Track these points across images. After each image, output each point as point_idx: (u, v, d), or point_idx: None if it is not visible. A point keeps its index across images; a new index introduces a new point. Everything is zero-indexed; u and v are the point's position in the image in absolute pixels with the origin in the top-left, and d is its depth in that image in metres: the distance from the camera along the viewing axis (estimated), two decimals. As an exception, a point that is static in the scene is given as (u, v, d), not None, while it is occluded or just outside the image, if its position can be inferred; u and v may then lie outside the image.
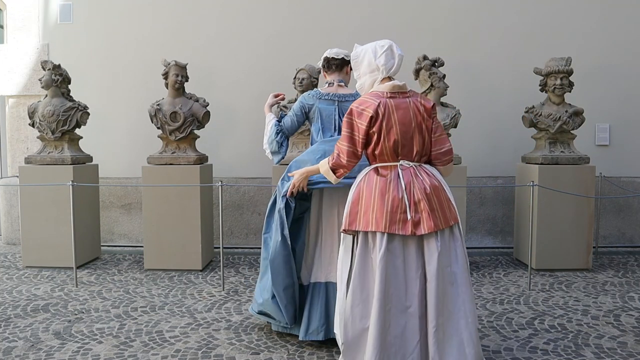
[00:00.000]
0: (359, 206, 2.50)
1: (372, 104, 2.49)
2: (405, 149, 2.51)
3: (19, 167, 5.16)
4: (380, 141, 2.49)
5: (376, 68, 2.56)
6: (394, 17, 5.69)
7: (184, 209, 4.81)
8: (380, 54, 2.56)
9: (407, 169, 2.50)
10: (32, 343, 3.17)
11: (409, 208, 2.42)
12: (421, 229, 2.41)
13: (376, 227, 2.42)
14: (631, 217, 5.71)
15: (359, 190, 2.53)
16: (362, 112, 2.49)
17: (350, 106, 2.55)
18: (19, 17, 6.01)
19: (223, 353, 3.03)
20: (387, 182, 2.48)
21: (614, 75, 5.65)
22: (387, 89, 2.52)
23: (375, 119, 2.47)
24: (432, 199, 2.45)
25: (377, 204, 2.44)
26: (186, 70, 4.96)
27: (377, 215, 2.43)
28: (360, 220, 2.47)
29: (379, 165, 2.54)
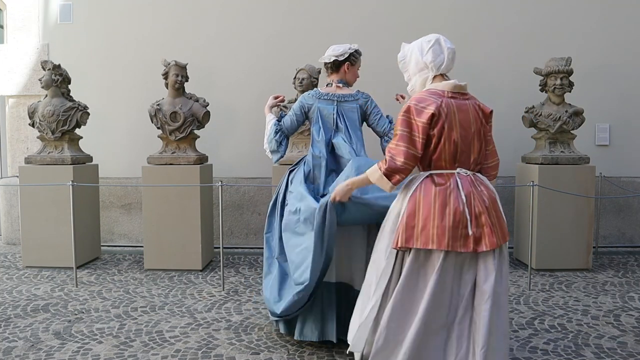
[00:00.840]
0: (415, 220, 2.24)
1: (433, 101, 2.24)
2: (463, 155, 2.29)
3: (19, 167, 5.16)
4: (440, 144, 2.25)
5: (424, 66, 2.36)
6: (394, 17, 5.69)
7: (184, 209, 4.81)
8: (427, 50, 2.35)
9: (465, 177, 2.28)
10: (32, 343, 3.17)
11: (470, 222, 2.20)
12: (482, 246, 2.21)
13: (438, 244, 2.19)
14: (631, 217, 5.71)
15: (416, 202, 2.26)
16: (423, 109, 2.24)
17: (407, 103, 2.30)
18: (19, 17, 6.01)
19: (223, 353, 3.03)
20: (447, 193, 2.23)
21: (614, 75, 5.65)
22: (448, 88, 2.30)
23: (437, 119, 2.23)
24: (491, 212, 2.26)
25: (437, 218, 2.20)
26: (186, 70, 4.96)
27: (439, 231, 2.19)
28: (419, 236, 2.22)
29: (434, 172, 2.30)
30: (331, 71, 3.23)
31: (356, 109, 3.21)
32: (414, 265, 2.26)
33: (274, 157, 3.31)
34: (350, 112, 3.20)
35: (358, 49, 3.24)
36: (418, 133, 2.24)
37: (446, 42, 2.36)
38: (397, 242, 2.26)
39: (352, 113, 3.20)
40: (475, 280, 2.25)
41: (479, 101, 2.39)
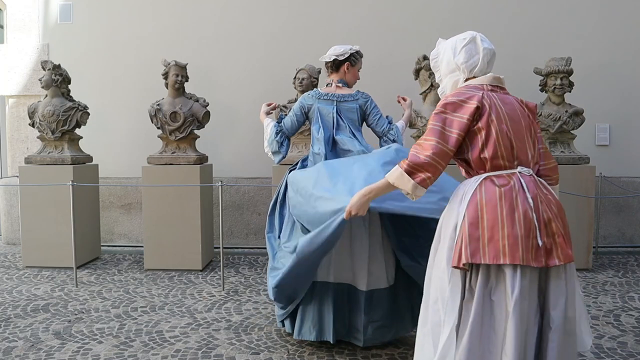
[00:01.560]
0: (480, 229, 1.86)
1: (474, 94, 1.97)
2: (520, 151, 1.96)
3: (19, 167, 5.16)
4: (492, 138, 1.92)
5: (456, 67, 2.11)
6: (394, 17, 5.69)
7: (184, 209, 4.81)
8: (460, 50, 2.09)
9: (529, 177, 1.94)
10: (32, 343, 3.17)
11: (539, 230, 1.84)
12: (554, 259, 1.84)
13: (511, 257, 1.80)
14: (631, 217, 5.71)
15: (477, 207, 1.89)
16: (463, 104, 1.95)
17: (442, 100, 2.01)
18: (19, 17, 6.01)
19: (223, 353, 3.03)
20: (513, 194, 1.87)
21: (614, 75, 5.65)
22: (486, 81, 2.05)
23: (482, 110, 1.94)
24: (562, 219, 1.92)
25: (506, 225, 1.83)
26: (186, 70, 4.96)
27: (510, 241, 1.81)
28: (486, 249, 1.83)
29: (491, 174, 1.94)
30: (331, 71, 3.24)
31: (355, 109, 3.21)
32: (484, 290, 1.85)
33: (275, 158, 3.31)
34: (350, 112, 3.20)
35: (359, 50, 3.25)
36: (452, 128, 1.94)
37: (483, 42, 2.11)
38: (460, 258, 1.86)
39: (352, 113, 3.20)
40: (544, 304, 1.89)
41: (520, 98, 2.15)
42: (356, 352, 3.03)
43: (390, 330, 3.06)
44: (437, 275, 1.99)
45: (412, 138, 5.04)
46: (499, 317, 1.84)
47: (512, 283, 1.80)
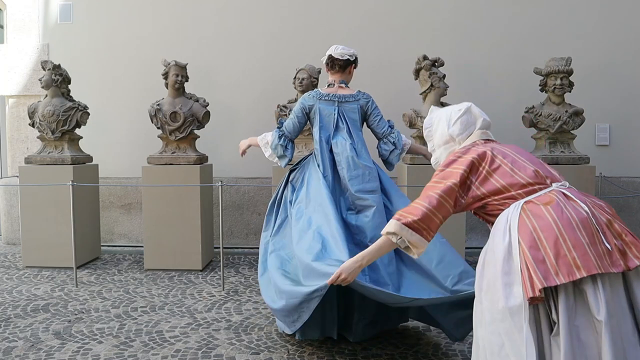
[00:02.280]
0: (542, 250, 1.70)
1: (470, 149, 2.00)
2: (545, 171, 1.92)
3: (19, 167, 5.16)
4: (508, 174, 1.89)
5: (450, 139, 2.11)
6: (394, 17, 5.69)
7: (184, 209, 4.81)
8: (455, 121, 2.10)
9: (568, 189, 1.86)
10: (32, 343, 3.17)
11: (603, 234, 1.70)
12: (633, 259, 1.68)
13: (587, 269, 1.63)
14: (631, 217, 5.70)
15: (530, 229, 1.74)
16: (457, 158, 1.98)
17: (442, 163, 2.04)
18: (19, 17, 6.01)
19: (223, 353, 3.03)
20: (562, 206, 1.76)
21: (614, 75, 5.65)
22: (477, 138, 2.09)
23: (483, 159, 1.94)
24: (619, 220, 1.80)
25: (568, 238, 1.68)
26: (186, 70, 4.96)
27: (579, 253, 1.65)
28: (556, 267, 1.66)
29: (530, 197, 1.84)
30: (336, 70, 3.23)
31: (357, 109, 3.21)
32: (568, 317, 1.65)
33: (282, 162, 3.29)
34: (351, 113, 3.20)
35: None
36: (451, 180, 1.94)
37: (481, 113, 2.14)
38: (533, 286, 1.66)
39: (353, 113, 3.20)
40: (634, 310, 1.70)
41: None
42: (356, 352, 3.03)
43: (376, 327, 3.13)
44: (493, 318, 1.79)
45: (412, 138, 5.04)
46: (588, 342, 1.64)
47: (596, 300, 1.63)
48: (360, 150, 3.15)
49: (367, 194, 3.03)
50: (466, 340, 3.17)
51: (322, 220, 2.87)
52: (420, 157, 4.82)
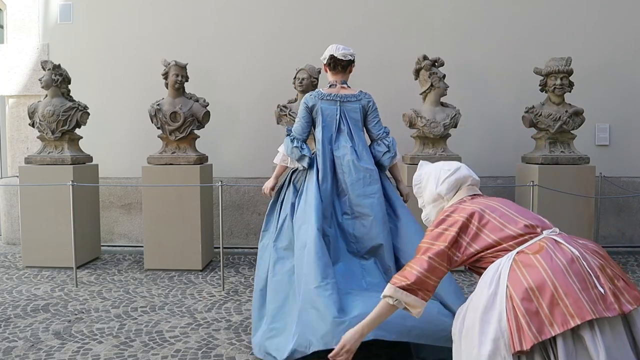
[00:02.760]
0: (534, 301, 1.68)
1: (458, 207, 2.04)
2: (534, 220, 1.95)
3: (19, 167, 5.16)
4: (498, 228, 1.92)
5: (439, 197, 2.18)
6: (394, 17, 5.69)
7: (184, 209, 4.81)
8: (443, 181, 2.15)
9: (559, 235, 1.88)
10: (32, 343, 3.17)
11: (594, 277, 1.69)
12: (626, 304, 1.66)
13: (581, 316, 1.61)
14: (631, 217, 5.71)
15: (522, 281, 1.73)
16: (447, 218, 2.02)
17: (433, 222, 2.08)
18: (19, 17, 6.01)
19: (223, 353, 3.03)
20: (552, 254, 1.75)
21: (614, 75, 5.65)
22: (464, 194, 2.14)
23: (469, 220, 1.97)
24: (611, 264, 1.78)
25: (560, 285, 1.66)
26: (186, 70, 4.96)
27: (571, 301, 1.63)
28: (552, 317, 1.64)
29: (521, 247, 1.85)
30: (338, 70, 3.22)
31: (359, 109, 3.20)
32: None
33: (303, 163, 3.16)
34: (353, 113, 3.19)
35: None
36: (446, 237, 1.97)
37: (469, 171, 2.18)
38: (520, 342, 1.66)
39: (355, 113, 3.19)
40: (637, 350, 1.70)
41: None
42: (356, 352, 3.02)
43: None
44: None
45: (412, 138, 5.04)
46: None
47: (594, 345, 1.61)
48: (362, 153, 3.13)
49: (367, 198, 3.02)
50: (466, 340, 3.17)
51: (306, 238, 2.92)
52: (420, 157, 4.83)
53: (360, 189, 3.03)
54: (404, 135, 5.18)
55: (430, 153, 4.84)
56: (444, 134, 4.82)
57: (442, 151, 4.85)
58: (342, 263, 2.99)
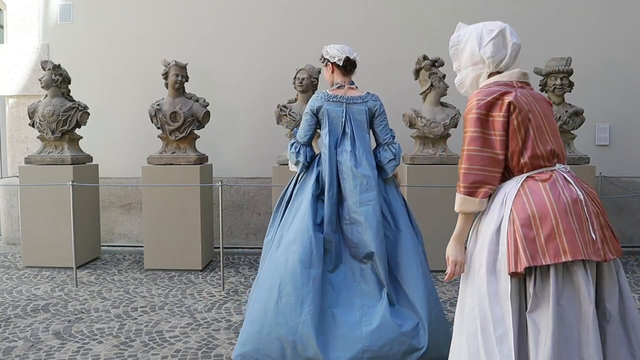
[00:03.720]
0: (534, 229, 1.75)
1: (506, 90, 1.86)
2: (558, 148, 1.91)
3: (19, 167, 5.16)
4: (531, 138, 1.84)
5: (480, 61, 1.97)
6: (394, 17, 5.69)
7: (184, 209, 4.81)
8: (487, 42, 1.94)
9: (568, 173, 1.89)
10: (32, 343, 3.17)
11: (590, 223, 1.78)
12: (609, 253, 1.79)
13: (573, 254, 1.71)
14: (631, 217, 5.71)
15: (526, 207, 1.79)
16: (497, 101, 1.84)
17: (469, 102, 1.91)
18: (19, 17, 6.01)
19: (223, 353, 3.03)
20: (559, 189, 1.80)
21: (614, 75, 5.65)
22: (515, 78, 1.92)
23: (519, 109, 1.83)
24: (603, 214, 1.87)
25: (561, 221, 1.74)
26: (186, 70, 4.96)
27: (569, 237, 1.72)
28: (545, 248, 1.73)
29: (532, 173, 1.86)
30: (347, 72, 3.18)
31: (364, 111, 3.12)
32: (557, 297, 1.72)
33: (298, 168, 3.16)
34: (358, 115, 3.11)
35: None
36: (494, 130, 1.84)
37: (512, 36, 1.95)
38: (517, 263, 1.74)
39: (360, 115, 3.11)
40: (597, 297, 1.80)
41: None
42: (356, 352, 3.03)
43: None
44: (474, 283, 1.88)
45: (412, 138, 5.04)
46: (570, 322, 1.72)
47: (586, 282, 1.72)
48: (361, 158, 3.05)
49: (363, 205, 2.97)
50: (466, 340, 3.17)
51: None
52: (420, 157, 4.83)
53: (357, 195, 2.99)
54: (404, 135, 5.17)
55: (430, 153, 4.84)
56: (444, 134, 4.82)
57: (442, 151, 4.85)
58: (343, 265, 2.98)
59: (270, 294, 2.83)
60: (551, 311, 1.71)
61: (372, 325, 2.79)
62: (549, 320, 1.71)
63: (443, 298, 3.99)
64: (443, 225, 4.68)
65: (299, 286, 2.81)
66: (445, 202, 4.71)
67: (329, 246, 2.97)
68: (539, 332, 1.73)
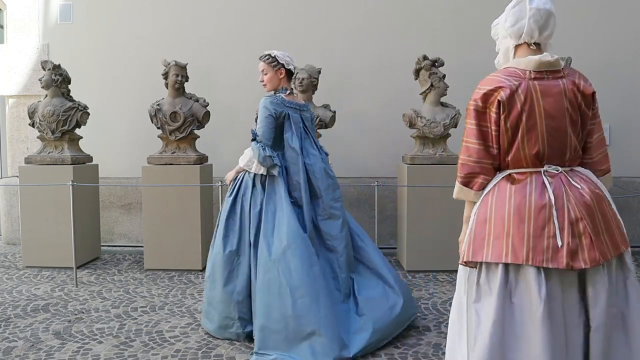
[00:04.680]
0: (487, 228, 1.80)
1: (504, 84, 1.79)
2: (553, 150, 1.81)
3: (19, 167, 5.16)
4: (517, 142, 1.81)
5: (506, 33, 1.92)
6: (394, 17, 5.69)
7: (184, 209, 4.81)
8: (508, 13, 1.90)
9: (556, 175, 1.81)
10: (32, 343, 3.17)
11: (559, 230, 1.72)
12: (580, 262, 1.71)
13: (514, 257, 1.72)
14: (631, 217, 5.70)
15: (487, 206, 1.83)
16: (491, 94, 1.80)
17: (476, 89, 1.87)
18: (19, 17, 6.01)
19: (223, 353, 3.03)
20: (527, 191, 1.78)
21: (614, 75, 5.64)
22: (531, 67, 1.81)
23: (509, 107, 1.78)
24: (595, 216, 1.79)
25: (513, 224, 1.75)
26: (186, 70, 4.96)
27: (515, 240, 1.74)
28: (490, 247, 1.77)
29: (513, 171, 1.85)
30: (288, 77, 3.38)
31: (312, 117, 3.43)
32: (504, 291, 1.75)
33: (274, 171, 3.16)
34: (310, 121, 3.37)
35: None
36: (489, 123, 1.82)
37: (532, 2, 1.84)
38: (464, 255, 1.85)
39: (310, 122, 3.37)
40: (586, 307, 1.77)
41: (579, 78, 1.89)
42: (356, 352, 3.03)
43: None
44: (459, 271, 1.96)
45: (412, 138, 5.04)
46: (522, 320, 1.72)
47: (538, 284, 1.70)
48: (326, 160, 3.33)
49: (337, 202, 3.26)
50: (466, 340, 3.17)
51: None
52: (420, 157, 4.83)
53: (331, 193, 3.24)
54: (404, 135, 5.18)
55: (430, 153, 4.84)
56: (444, 134, 4.82)
57: (442, 151, 4.85)
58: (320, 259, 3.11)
59: (282, 302, 2.90)
60: (494, 305, 1.74)
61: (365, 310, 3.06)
62: (491, 313, 1.74)
63: (443, 298, 3.99)
64: (443, 225, 4.70)
65: (310, 284, 2.90)
66: (445, 202, 4.71)
67: (312, 243, 3.12)
68: (480, 322, 1.77)
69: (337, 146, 5.38)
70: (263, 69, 3.40)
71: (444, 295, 4.06)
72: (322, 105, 4.97)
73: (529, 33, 1.85)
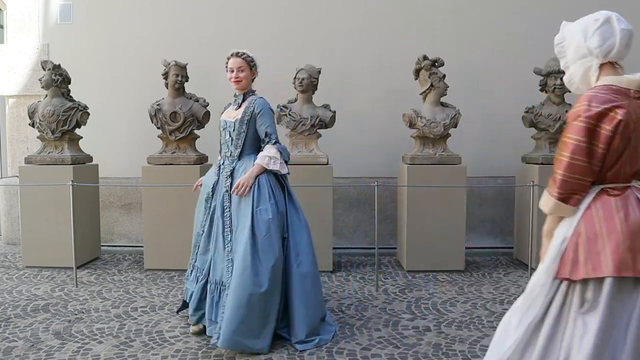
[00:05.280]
0: (599, 243, 1.80)
1: (619, 104, 1.80)
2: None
3: (19, 167, 5.16)
4: (622, 159, 1.83)
5: (588, 53, 1.92)
6: (394, 17, 5.69)
7: (184, 209, 4.81)
8: (593, 33, 1.91)
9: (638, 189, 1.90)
10: (32, 343, 3.17)
11: None
12: None
13: (634, 270, 1.75)
14: (631, 217, 5.70)
15: (594, 221, 1.84)
16: (609, 112, 1.79)
17: (578, 105, 1.86)
18: (19, 17, 6.01)
19: (223, 353, 3.03)
20: (629, 206, 1.83)
21: (614, 75, 5.64)
22: (634, 87, 1.84)
23: (624, 128, 1.79)
24: None
25: (626, 237, 1.78)
26: (186, 70, 4.96)
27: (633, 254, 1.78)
28: (608, 262, 1.76)
29: (608, 186, 1.88)
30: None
31: None
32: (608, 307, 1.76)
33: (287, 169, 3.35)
34: None
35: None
36: (599, 142, 1.80)
37: (620, 22, 1.93)
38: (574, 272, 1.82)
39: None
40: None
41: None
42: (356, 352, 3.03)
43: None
44: (537, 272, 1.96)
45: (412, 138, 5.04)
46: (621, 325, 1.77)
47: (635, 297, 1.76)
48: None
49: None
50: (466, 340, 3.18)
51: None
52: (420, 156, 4.83)
53: None
54: (404, 135, 5.18)
55: (430, 153, 4.84)
56: (444, 134, 4.82)
57: (442, 151, 4.85)
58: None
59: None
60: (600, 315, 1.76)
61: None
62: (597, 322, 1.76)
63: (443, 298, 3.99)
64: (443, 225, 4.71)
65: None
66: (445, 202, 4.72)
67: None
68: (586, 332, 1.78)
69: (337, 146, 5.39)
70: (240, 66, 3.42)
71: (444, 295, 4.06)
72: (322, 105, 4.97)
73: (618, 53, 1.91)
